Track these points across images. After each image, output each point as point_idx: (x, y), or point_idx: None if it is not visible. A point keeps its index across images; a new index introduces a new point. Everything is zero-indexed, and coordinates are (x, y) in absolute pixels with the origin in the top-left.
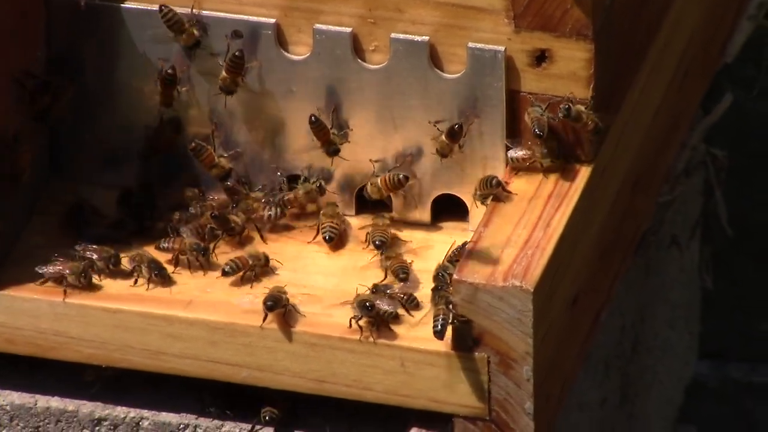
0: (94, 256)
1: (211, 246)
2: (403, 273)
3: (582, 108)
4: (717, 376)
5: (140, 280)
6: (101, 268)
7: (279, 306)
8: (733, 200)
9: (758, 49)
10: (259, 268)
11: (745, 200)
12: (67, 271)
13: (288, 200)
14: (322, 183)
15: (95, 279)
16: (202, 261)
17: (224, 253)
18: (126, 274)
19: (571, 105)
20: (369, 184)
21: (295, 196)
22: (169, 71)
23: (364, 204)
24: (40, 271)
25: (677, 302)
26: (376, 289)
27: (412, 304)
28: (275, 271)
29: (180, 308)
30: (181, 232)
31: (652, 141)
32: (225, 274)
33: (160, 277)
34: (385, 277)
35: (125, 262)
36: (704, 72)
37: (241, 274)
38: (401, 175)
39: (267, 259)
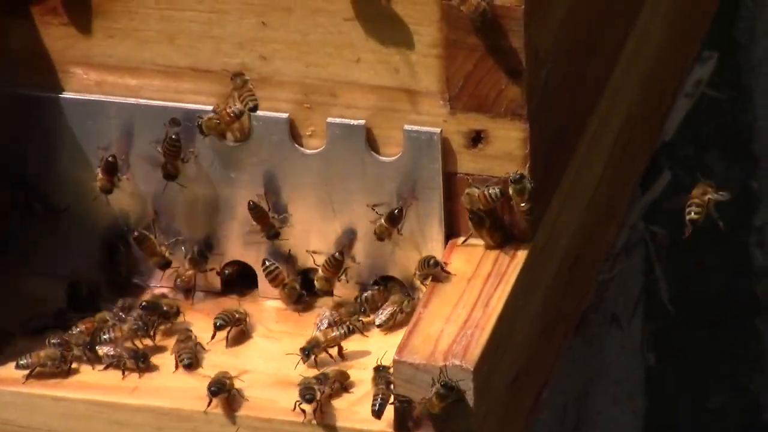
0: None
1: (152, 331)
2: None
3: (529, 185)
4: None
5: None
6: (78, 356)
7: (223, 391)
8: (674, 277)
9: (696, 127)
10: (244, 323)
11: (684, 277)
12: (48, 360)
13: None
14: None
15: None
16: (146, 345)
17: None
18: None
19: (523, 175)
20: (316, 280)
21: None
22: (110, 158)
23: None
24: (22, 362)
25: (620, 379)
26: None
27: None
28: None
29: (125, 395)
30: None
31: (591, 219)
32: (218, 328)
33: (144, 364)
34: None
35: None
36: (643, 149)
37: (228, 328)
38: (336, 253)
39: (247, 314)
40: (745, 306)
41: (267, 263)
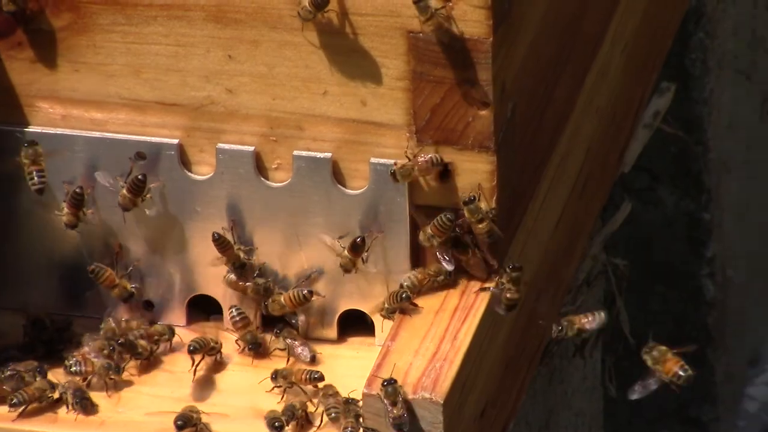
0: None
1: (122, 366)
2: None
3: (482, 206)
4: None
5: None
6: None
7: (189, 425)
8: (632, 309)
9: (649, 158)
10: (216, 351)
11: (643, 310)
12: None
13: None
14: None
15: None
16: (115, 379)
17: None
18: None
19: (476, 197)
20: (270, 301)
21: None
22: (77, 191)
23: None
24: (15, 400)
25: (581, 410)
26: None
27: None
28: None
29: (93, 428)
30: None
31: (554, 251)
32: (191, 352)
33: (83, 405)
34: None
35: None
36: (603, 181)
37: (201, 355)
38: (306, 291)
39: (221, 344)
40: (696, 337)
41: (234, 311)
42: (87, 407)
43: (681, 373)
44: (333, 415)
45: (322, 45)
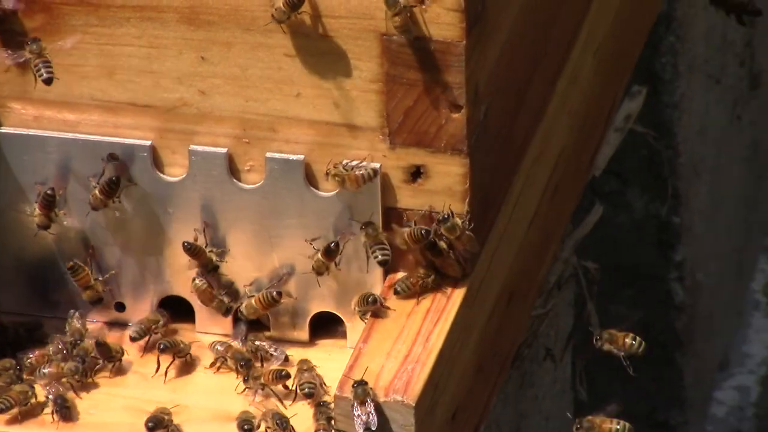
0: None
1: (93, 369)
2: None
3: (458, 221)
4: None
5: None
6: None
7: (160, 427)
8: (600, 312)
9: (619, 161)
10: (185, 353)
11: (611, 314)
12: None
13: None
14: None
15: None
16: (83, 381)
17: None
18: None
19: (450, 214)
20: (243, 304)
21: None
22: (49, 192)
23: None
24: (2, 406)
25: (550, 414)
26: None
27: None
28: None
29: (64, 430)
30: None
31: (526, 254)
32: (161, 350)
33: (64, 411)
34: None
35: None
36: (575, 185)
37: (171, 356)
38: (275, 293)
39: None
40: (664, 341)
41: (197, 281)
42: (67, 415)
43: (633, 342)
44: (307, 390)
45: (296, 47)
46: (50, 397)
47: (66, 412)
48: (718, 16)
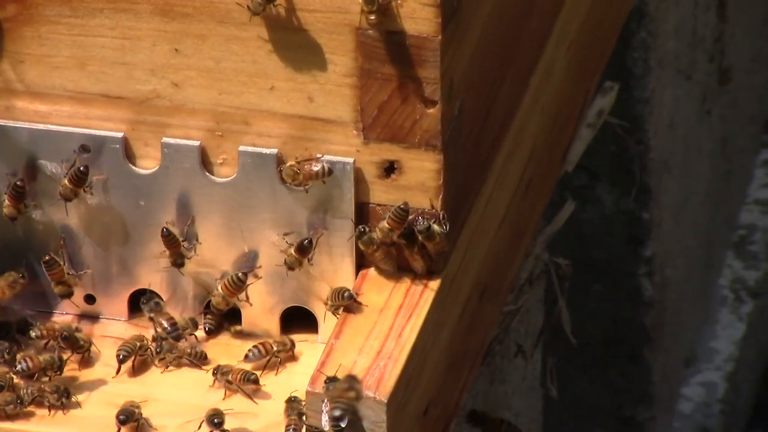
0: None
1: (64, 360)
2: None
3: (437, 229)
4: None
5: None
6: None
7: (132, 420)
8: (569, 308)
9: (589, 157)
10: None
11: (579, 309)
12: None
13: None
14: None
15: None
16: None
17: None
18: None
19: (430, 224)
20: (213, 296)
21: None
22: (18, 183)
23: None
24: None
25: (520, 410)
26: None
27: None
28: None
29: (34, 424)
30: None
31: (498, 250)
32: (121, 361)
33: (68, 400)
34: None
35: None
36: (547, 180)
37: (133, 358)
38: (240, 274)
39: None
40: (633, 337)
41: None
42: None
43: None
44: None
45: (270, 40)
46: (47, 390)
47: (67, 396)
48: (688, 11)
